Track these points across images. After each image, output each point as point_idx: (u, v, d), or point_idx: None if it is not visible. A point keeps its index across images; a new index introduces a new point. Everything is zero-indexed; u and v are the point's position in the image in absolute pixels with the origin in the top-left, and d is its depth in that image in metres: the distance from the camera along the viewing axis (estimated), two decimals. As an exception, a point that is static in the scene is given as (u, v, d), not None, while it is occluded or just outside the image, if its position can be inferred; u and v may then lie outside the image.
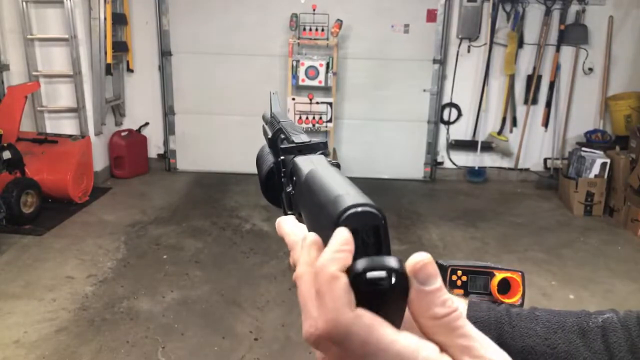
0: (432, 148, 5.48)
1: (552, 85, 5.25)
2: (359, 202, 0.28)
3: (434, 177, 5.54)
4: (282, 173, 0.43)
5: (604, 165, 4.60)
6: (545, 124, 5.39)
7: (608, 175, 4.61)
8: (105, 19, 4.67)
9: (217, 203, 4.63)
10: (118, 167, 5.19)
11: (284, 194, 0.42)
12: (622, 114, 5.01)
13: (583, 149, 4.83)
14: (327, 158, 0.40)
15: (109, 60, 4.78)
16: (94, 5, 4.61)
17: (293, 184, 0.39)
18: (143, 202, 4.62)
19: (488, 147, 5.40)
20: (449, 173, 5.57)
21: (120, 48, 5.06)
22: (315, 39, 4.85)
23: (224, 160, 5.37)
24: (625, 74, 5.22)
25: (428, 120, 5.42)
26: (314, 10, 4.78)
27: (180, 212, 4.40)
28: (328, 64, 4.87)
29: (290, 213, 0.39)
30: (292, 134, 0.44)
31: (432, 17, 5.14)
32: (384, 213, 0.28)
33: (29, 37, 4.54)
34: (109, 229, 3.98)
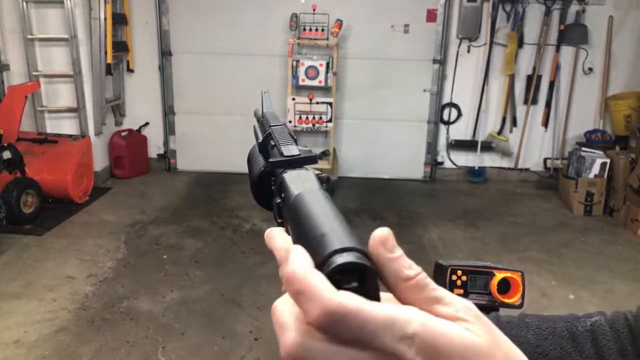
0: (432, 148, 5.48)
1: (552, 85, 5.25)
2: (344, 245, 0.28)
3: (434, 177, 5.54)
4: (272, 182, 0.43)
5: (604, 165, 4.60)
6: (545, 124, 5.39)
7: (608, 175, 4.61)
8: (106, 19, 4.67)
9: (217, 203, 4.63)
10: (118, 167, 5.19)
11: (274, 203, 0.41)
12: (622, 114, 5.01)
13: (583, 149, 4.83)
14: (315, 173, 0.39)
15: (109, 60, 4.78)
16: (94, 5, 4.62)
17: (282, 199, 0.38)
18: (143, 202, 4.62)
19: (488, 147, 5.40)
20: (449, 173, 5.57)
21: (121, 48, 5.06)
22: (315, 39, 4.85)
23: (224, 160, 5.36)
24: (625, 74, 5.22)
25: (428, 120, 5.43)
26: (314, 10, 4.78)
27: (180, 212, 4.40)
28: (328, 64, 4.87)
29: (280, 222, 0.39)
30: (281, 144, 0.43)
31: (432, 17, 5.14)
32: (370, 256, 0.29)
33: (29, 37, 4.54)
34: (109, 229, 3.98)
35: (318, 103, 4.84)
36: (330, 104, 4.85)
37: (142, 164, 5.39)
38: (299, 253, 0.29)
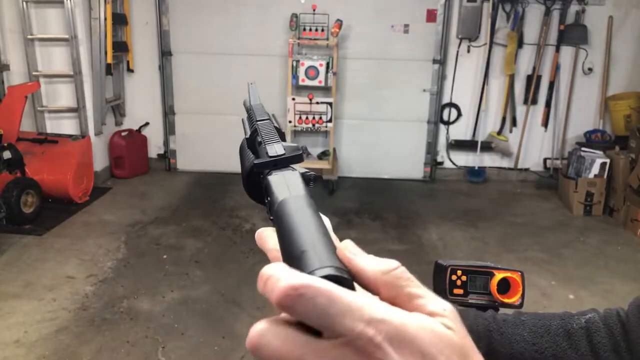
0: (432, 148, 5.48)
1: (551, 85, 5.25)
2: (323, 264, 0.28)
3: (434, 177, 5.55)
4: (261, 180, 0.42)
5: (604, 165, 4.60)
6: (545, 124, 5.39)
7: (608, 175, 4.61)
8: (106, 19, 4.67)
9: (217, 203, 4.63)
10: (118, 167, 5.19)
11: (265, 200, 0.40)
12: (621, 114, 5.01)
13: (583, 149, 4.83)
14: (302, 171, 0.39)
15: (109, 60, 4.78)
16: (94, 5, 4.62)
17: (268, 202, 0.38)
18: (143, 202, 4.62)
19: (488, 147, 5.41)
20: (449, 173, 5.57)
21: (121, 48, 5.06)
22: (315, 39, 4.85)
23: (224, 160, 5.36)
24: (625, 74, 5.23)
25: (428, 120, 5.43)
26: (314, 11, 4.78)
27: (180, 212, 4.40)
28: (328, 64, 4.87)
29: (272, 218, 0.39)
30: (267, 143, 0.42)
31: (432, 17, 5.15)
32: (349, 275, 0.29)
33: (29, 37, 4.54)
34: (109, 229, 3.98)
35: (318, 103, 4.84)
36: (330, 104, 4.85)
37: (142, 164, 5.40)
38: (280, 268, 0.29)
